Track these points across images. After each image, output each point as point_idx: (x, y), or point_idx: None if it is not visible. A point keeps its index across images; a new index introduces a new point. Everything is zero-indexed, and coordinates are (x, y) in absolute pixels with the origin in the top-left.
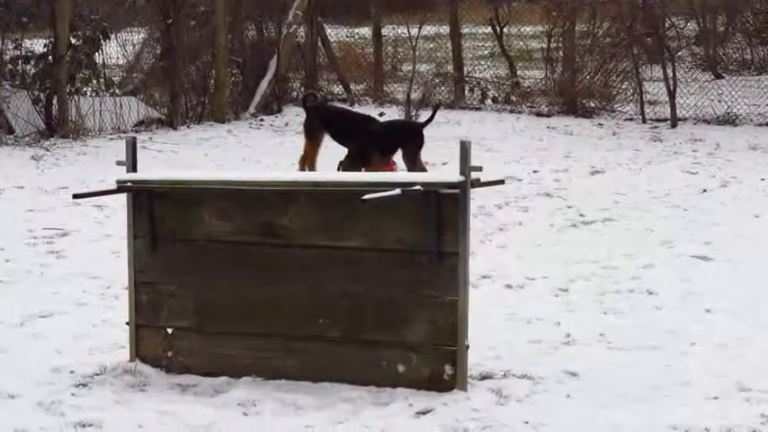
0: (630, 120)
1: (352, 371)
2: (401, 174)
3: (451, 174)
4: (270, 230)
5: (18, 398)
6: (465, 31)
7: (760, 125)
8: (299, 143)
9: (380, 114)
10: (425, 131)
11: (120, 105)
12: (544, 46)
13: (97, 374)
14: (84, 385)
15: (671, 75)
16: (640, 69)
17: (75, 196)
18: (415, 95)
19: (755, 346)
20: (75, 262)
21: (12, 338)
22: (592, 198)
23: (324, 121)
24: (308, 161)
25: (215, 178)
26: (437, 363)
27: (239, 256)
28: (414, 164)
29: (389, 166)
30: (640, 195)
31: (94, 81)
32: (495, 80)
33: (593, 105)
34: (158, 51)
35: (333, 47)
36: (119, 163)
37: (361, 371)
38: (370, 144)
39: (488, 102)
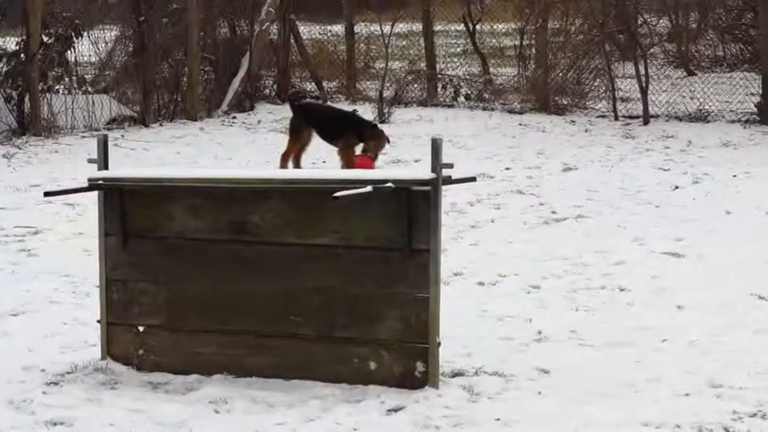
0: (603, 117)
1: (324, 368)
2: (373, 171)
3: (423, 171)
4: (241, 228)
5: None
6: (438, 28)
7: (732, 122)
8: (271, 140)
9: (354, 111)
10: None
11: (93, 103)
12: (517, 43)
13: (68, 373)
14: (56, 383)
15: (643, 72)
16: (612, 66)
17: (46, 194)
18: (387, 93)
19: (727, 342)
20: (46, 260)
21: None
22: (564, 195)
23: (309, 118)
24: (293, 158)
25: (186, 176)
26: (409, 360)
27: (211, 254)
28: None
29: (367, 163)
30: (612, 192)
31: (67, 79)
32: (468, 77)
33: (565, 102)
34: (131, 49)
35: (305, 44)
36: (90, 161)
37: (332, 368)
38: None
39: (461, 99)
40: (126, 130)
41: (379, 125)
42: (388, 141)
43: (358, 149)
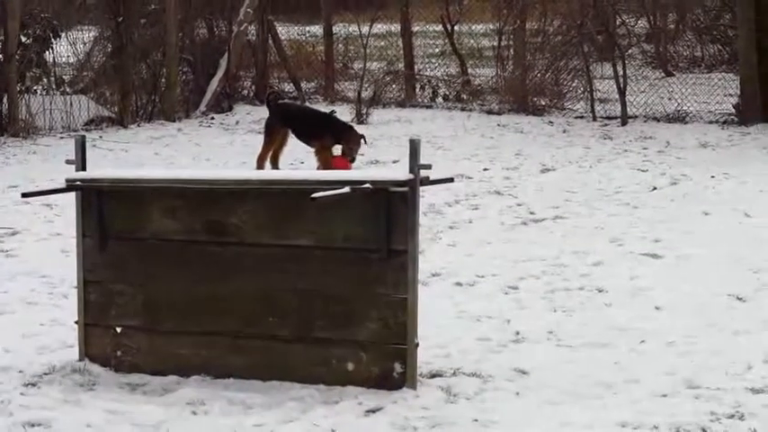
0: (581, 118)
1: (302, 369)
2: (351, 172)
3: (401, 172)
4: (219, 229)
5: None
6: (416, 29)
7: (710, 123)
8: (249, 141)
9: (332, 112)
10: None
11: (71, 104)
12: (495, 44)
13: (46, 374)
14: (33, 384)
15: (621, 72)
16: (591, 67)
17: (24, 195)
18: (365, 93)
19: (704, 343)
20: (24, 261)
21: None
22: (542, 196)
23: (286, 118)
24: (271, 159)
25: (164, 177)
26: (387, 361)
27: (188, 255)
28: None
29: (344, 164)
30: (590, 193)
31: (45, 80)
32: (446, 78)
33: (543, 103)
34: (109, 50)
35: (284, 45)
36: (68, 162)
37: (310, 369)
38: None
39: (439, 100)
40: (104, 130)
41: (358, 126)
42: (365, 142)
43: (335, 150)
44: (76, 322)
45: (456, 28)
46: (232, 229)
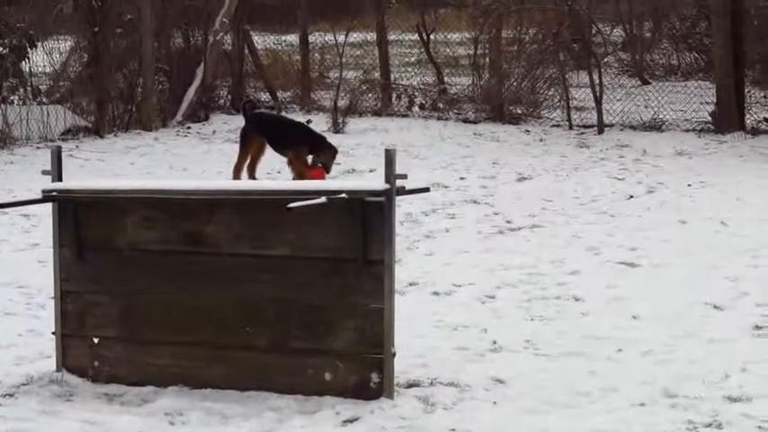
0: (557, 126)
1: (279, 379)
2: (327, 182)
3: (376, 182)
4: (195, 239)
5: None
6: (392, 38)
7: (686, 131)
8: (226, 150)
9: (308, 122)
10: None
11: (48, 114)
12: (471, 53)
13: (23, 384)
14: (11, 395)
15: (597, 81)
16: (567, 75)
17: (0, 206)
18: (342, 103)
19: (682, 351)
20: (1, 271)
21: None
22: (519, 205)
23: (261, 128)
24: (248, 168)
25: (140, 187)
26: (364, 371)
27: (165, 265)
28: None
29: (319, 174)
30: (567, 202)
31: (21, 89)
32: (423, 87)
33: (519, 112)
34: (85, 59)
35: (260, 54)
36: (44, 172)
37: (287, 379)
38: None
39: (415, 109)
40: (81, 140)
41: (334, 135)
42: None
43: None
44: (54, 333)
45: (432, 37)
46: (209, 240)
